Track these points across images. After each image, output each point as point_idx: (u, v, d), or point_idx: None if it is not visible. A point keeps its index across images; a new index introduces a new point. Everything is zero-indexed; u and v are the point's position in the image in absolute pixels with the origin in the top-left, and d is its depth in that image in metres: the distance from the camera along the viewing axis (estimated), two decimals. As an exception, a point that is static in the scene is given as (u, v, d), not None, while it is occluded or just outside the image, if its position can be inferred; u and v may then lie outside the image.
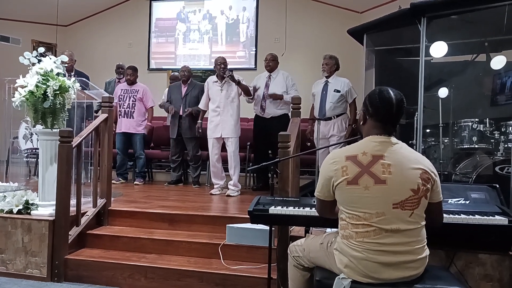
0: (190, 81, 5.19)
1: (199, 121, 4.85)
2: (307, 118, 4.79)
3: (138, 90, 5.35)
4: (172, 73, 6.25)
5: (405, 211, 1.59)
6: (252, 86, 4.82)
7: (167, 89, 6.20)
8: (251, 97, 4.59)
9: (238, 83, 4.42)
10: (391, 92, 1.69)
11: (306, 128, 4.71)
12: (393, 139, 1.69)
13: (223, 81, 4.48)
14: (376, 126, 1.70)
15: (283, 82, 4.78)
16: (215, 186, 4.60)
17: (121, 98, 5.36)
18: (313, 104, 4.68)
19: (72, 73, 5.07)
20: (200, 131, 4.87)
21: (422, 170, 1.63)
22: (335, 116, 4.45)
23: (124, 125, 5.30)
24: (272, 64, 4.84)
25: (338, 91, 4.42)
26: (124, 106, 5.32)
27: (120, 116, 5.34)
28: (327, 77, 4.52)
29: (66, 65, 5.13)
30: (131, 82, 5.38)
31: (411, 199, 1.60)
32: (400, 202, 1.59)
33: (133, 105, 5.30)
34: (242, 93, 4.52)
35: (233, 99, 4.47)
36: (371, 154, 1.64)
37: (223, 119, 4.48)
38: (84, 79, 4.05)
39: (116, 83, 5.74)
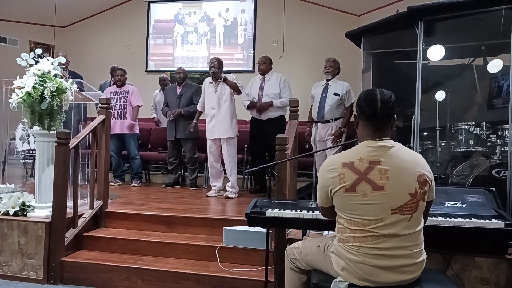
0: (185, 83, 5.21)
1: (194, 121, 4.81)
2: (305, 121, 4.80)
3: (128, 91, 5.35)
4: (161, 76, 6.27)
5: (404, 216, 1.59)
6: (249, 93, 4.85)
7: (156, 91, 6.20)
8: (240, 94, 4.54)
9: (224, 80, 4.44)
10: (376, 91, 1.70)
11: (304, 131, 4.72)
12: (389, 142, 1.67)
13: (217, 82, 4.49)
14: (366, 126, 1.70)
15: (277, 84, 4.79)
16: (212, 188, 4.59)
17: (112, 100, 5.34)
18: (311, 105, 4.69)
19: (66, 74, 5.07)
20: (191, 130, 4.83)
21: (420, 172, 1.63)
22: (333, 120, 4.46)
23: (117, 127, 5.27)
24: (263, 66, 4.85)
25: (338, 95, 4.43)
26: (116, 108, 5.29)
27: (113, 118, 5.32)
28: (328, 80, 4.53)
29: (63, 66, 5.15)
30: (122, 83, 5.37)
31: (410, 203, 1.59)
32: (399, 207, 1.59)
33: (125, 106, 5.29)
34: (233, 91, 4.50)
35: (226, 99, 4.46)
36: (368, 160, 1.63)
37: (218, 119, 4.49)
38: (80, 80, 4.05)
39: (111, 85, 5.73)
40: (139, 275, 2.78)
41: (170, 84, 5.79)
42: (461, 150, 3.53)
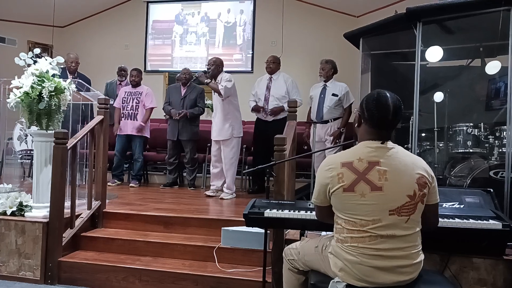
0: (189, 84, 5.19)
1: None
2: (303, 122, 4.80)
3: (142, 92, 5.34)
4: (178, 75, 6.25)
5: (401, 217, 1.59)
6: (255, 95, 4.86)
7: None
8: (222, 98, 4.40)
9: (206, 84, 4.43)
10: (389, 98, 1.65)
11: (302, 131, 4.72)
12: (389, 144, 1.67)
13: (215, 82, 4.47)
14: (371, 132, 1.68)
15: (284, 85, 4.80)
16: (211, 188, 4.59)
17: (124, 100, 5.35)
18: (310, 106, 4.69)
19: (74, 75, 5.07)
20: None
21: (419, 174, 1.62)
22: (332, 120, 4.47)
23: (127, 127, 5.28)
24: (273, 66, 4.86)
25: (336, 95, 4.45)
26: (127, 108, 5.30)
27: (124, 118, 5.32)
28: (325, 81, 4.55)
29: (73, 65, 5.14)
30: (136, 84, 5.37)
31: (408, 205, 1.59)
32: (397, 209, 1.59)
33: (137, 107, 5.29)
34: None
35: (220, 100, 4.45)
36: (367, 161, 1.63)
37: (215, 121, 4.51)
38: (81, 81, 4.03)
39: (117, 85, 5.73)
40: (137, 276, 2.78)
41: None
42: (459, 151, 3.53)
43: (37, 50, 3.12)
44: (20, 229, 2.92)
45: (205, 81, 4.41)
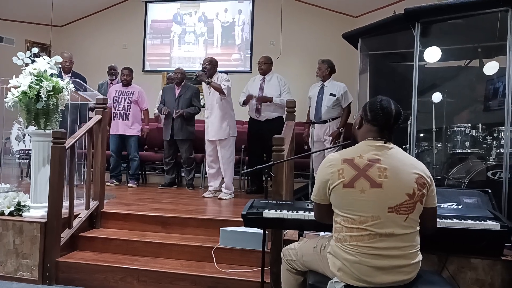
0: (183, 83, 5.17)
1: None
2: (302, 122, 4.80)
3: (134, 92, 5.31)
4: (169, 74, 6.25)
5: (400, 216, 1.60)
6: (246, 92, 4.85)
7: (161, 91, 6.20)
8: (225, 97, 4.40)
9: (207, 83, 4.40)
10: (392, 104, 1.74)
11: (301, 132, 4.72)
12: (390, 144, 1.71)
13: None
14: (373, 130, 1.73)
15: (277, 85, 4.79)
16: (209, 189, 4.59)
17: (115, 99, 5.31)
18: (309, 106, 4.70)
19: (69, 75, 5.05)
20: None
21: (418, 175, 1.65)
22: (331, 120, 4.48)
23: (119, 127, 5.26)
24: (264, 67, 4.86)
25: (334, 95, 4.46)
26: (119, 108, 5.27)
27: (115, 118, 5.29)
28: (323, 81, 4.56)
29: (68, 64, 5.13)
30: (127, 83, 5.35)
31: (407, 203, 1.61)
32: (396, 206, 1.60)
33: (129, 107, 5.27)
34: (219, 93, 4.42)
35: (217, 100, 4.43)
36: (368, 158, 1.66)
37: (210, 121, 4.48)
38: (78, 80, 4.03)
39: (108, 85, 5.71)
40: (135, 276, 2.77)
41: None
42: (457, 151, 3.54)
43: (35, 50, 3.12)
44: (18, 229, 2.92)
45: (206, 80, 4.40)
